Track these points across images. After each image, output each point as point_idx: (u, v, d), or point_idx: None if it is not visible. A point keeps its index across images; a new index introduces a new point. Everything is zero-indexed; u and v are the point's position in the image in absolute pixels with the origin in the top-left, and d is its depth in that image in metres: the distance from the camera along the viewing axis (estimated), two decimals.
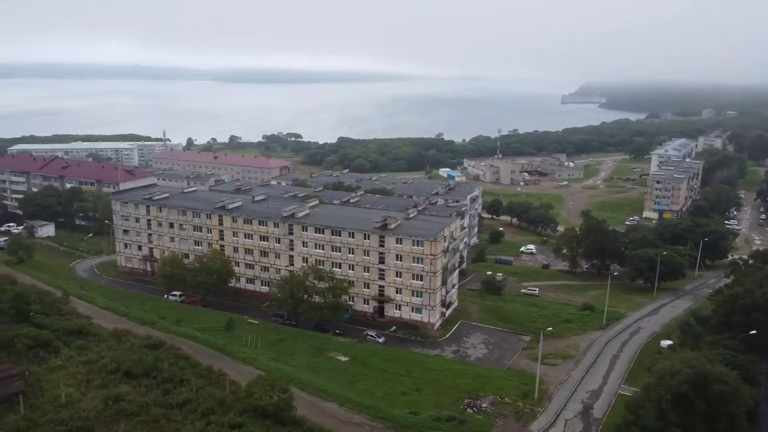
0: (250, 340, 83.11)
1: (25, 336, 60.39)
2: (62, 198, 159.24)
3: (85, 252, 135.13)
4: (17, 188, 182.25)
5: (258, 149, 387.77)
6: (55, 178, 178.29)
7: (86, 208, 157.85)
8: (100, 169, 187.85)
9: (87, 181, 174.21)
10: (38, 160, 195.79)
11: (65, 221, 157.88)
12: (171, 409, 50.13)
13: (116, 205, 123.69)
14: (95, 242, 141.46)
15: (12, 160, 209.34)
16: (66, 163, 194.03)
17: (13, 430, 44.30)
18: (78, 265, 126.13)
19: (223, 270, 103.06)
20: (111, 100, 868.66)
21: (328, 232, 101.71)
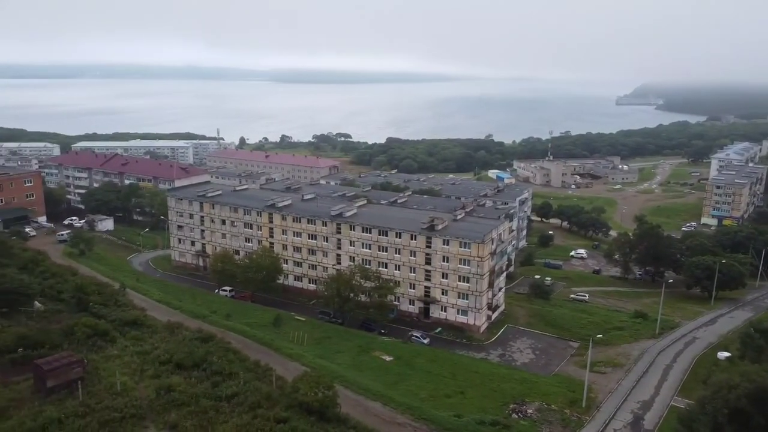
0: (297, 336, 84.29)
1: (85, 325, 62.88)
2: (121, 194, 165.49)
3: (142, 246, 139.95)
4: (80, 183, 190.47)
5: (308, 149, 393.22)
6: (115, 174, 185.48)
7: (143, 204, 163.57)
8: (157, 167, 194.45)
9: (144, 178, 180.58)
10: (99, 157, 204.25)
11: (123, 216, 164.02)
12: (219, 401, 51.25)
13: (171, 201, 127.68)
14: (151, 237, 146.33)
15: (76, 156, 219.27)
16: (125, 160, 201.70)
17: (72, 415, 46.26)
18: (134, 259, 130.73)
19: (272, 267, 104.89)
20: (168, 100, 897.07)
21: (375, 231, 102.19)
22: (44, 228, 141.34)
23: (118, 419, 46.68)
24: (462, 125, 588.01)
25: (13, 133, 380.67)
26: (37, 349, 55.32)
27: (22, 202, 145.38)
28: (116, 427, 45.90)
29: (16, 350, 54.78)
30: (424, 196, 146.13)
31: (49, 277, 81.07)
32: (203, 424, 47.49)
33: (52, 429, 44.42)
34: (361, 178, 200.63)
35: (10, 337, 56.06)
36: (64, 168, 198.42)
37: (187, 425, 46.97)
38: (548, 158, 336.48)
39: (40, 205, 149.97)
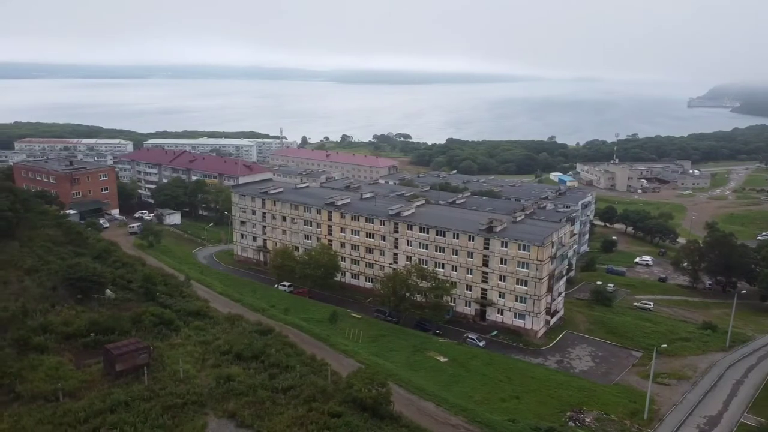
0: (353, 333, 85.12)
1: (151, 314, 65.58)
2: (188, 189, 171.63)
3: (206, 240, 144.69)
4: (150, 179, 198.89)
5: (368, 148, 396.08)
6: (183, 170, 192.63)
7: (208, 200, 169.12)
8: (222, 164, 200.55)
9: (210, 174, 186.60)
10: (169, 154, 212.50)
11: (190, 211, 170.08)
12: (276, 392, 52.34)
13: (235, 197, 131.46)
14: (215, 231, 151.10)
15: (147, 153, 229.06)
16: (193, 157, 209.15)
17: (138, 398, 48.42)
18: (199, 252, 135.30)
19: (330, 264, 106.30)
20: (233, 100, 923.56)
21: (432, 231, 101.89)
22: (117, 220, 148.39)
23: (180, 405, 48.44)
24: (523, 127, 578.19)
25: (91, 130, 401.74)
26: (108, 335, 58.09)
27: (97, 196, 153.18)
28: (178, 412, 47.62)
29: (88, 335, 57.71)
30: (483, 197, 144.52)
31: (120, 266, 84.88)
32: (260, 414, 48.65)
33: (120, 411, 46.52)
34: (420, 178, 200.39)
35: (83, 322, 59.10)
36: (136, 164, 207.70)
37: (245, 414, 48.22)
38: (613, 161, 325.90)
39: (113, 198, 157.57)
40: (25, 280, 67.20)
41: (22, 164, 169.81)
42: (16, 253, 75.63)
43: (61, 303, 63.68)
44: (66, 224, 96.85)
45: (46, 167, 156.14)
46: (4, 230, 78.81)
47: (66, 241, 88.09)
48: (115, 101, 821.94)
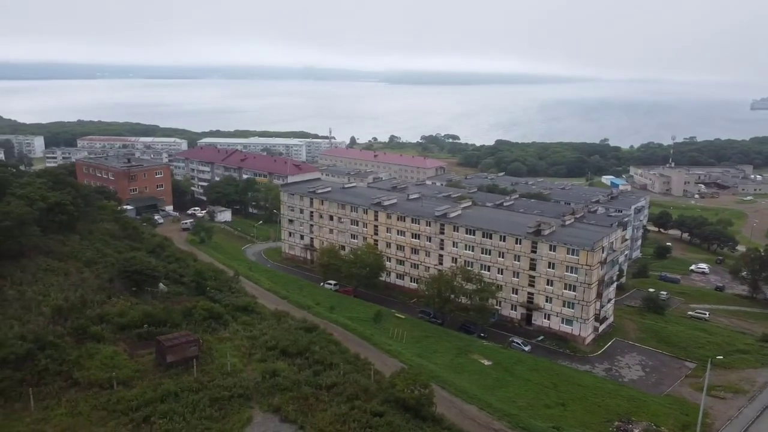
0: (396, 333, 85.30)
1: (202, 308, 67.51)
2: (239, 187, 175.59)
3: (255, 237, 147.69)
4: (203, 176, 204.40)
5: (415, 149, 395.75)
6: (234, 169, 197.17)
7: (258, 198, 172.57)
8: (272, 163, 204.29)
9: (260, 173, 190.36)
10: (221, 152, 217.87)
11: (240, 208, 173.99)
12: (320, 389, 53.04)
13: (284, 196, 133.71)
14: (264, 229, 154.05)
15: (200, 151, 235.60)
16: (244, 156, 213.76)
17: (187, 389, 49.95)
18: (248, 249, 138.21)
19: (376, 264, 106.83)
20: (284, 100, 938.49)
21: (479, 233, 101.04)
22: (170, 216, 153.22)
23: (227, 397, 49.71)
24: (575, 129, 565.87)
25: (148, 129, 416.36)
26: (160, 327, 60.10)
27: (153, 192, 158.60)
28: (225, 405, 48.88)
29: (142, 326, 59.86)
30: (532, 200, 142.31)
31: (173, 261, 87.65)
32: (303, 410, 49.39)
33: (169, 401, 48.09)
34: (468, 179, 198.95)
35: (137, 314, 61.33)
36: (189, 162, 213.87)
37: (289, 409, 49.03)
38: (669, 165, 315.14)
39: (168, 195, 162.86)
40: (85, 272, 70.21)
41: (83, 161, 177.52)
42: (76, 246, 79.12)
43: (117, 295, 66.25)
44: (123, 219, 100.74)
45: (106, 164, 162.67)
46: (66, 224, 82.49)
47: (123, 236, 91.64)
48: (170, 101, 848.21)
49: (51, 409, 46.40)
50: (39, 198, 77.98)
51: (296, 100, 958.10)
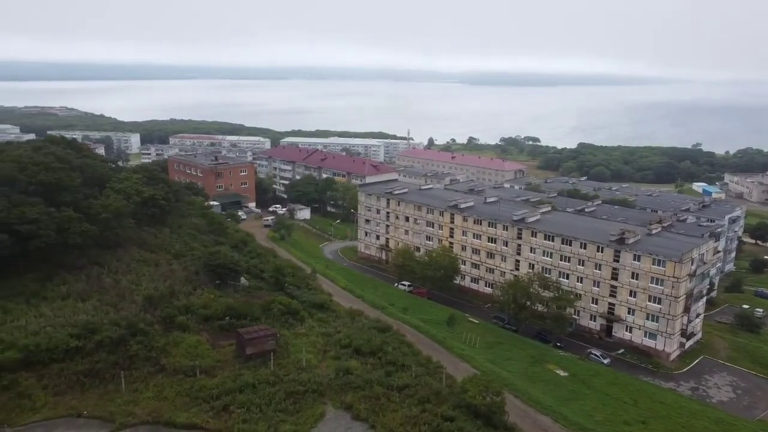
0: (469, 338, 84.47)
1: (280, 303, 69.68)
2: (318, 186, 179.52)
3: (332, 236, 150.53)
4: (284, 175, 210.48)
5: (494, 151, 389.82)
6: (314, 168, 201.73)
7: (336, 197, 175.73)
8: (351, 163, 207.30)
9: (339, 173, 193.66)
10: (302, 152, 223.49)
11: (319, 207, 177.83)
12: (391, 389, 53.38)
13: (361, 196, 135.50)
14: (341, 228, 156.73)
15: (282, 150, 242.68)
16: (324, 155, 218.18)
17: (263, 382, 51.75)
18: (325, 247, 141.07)
19: (450, 267, 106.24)
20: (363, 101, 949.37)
21: (558, 240, 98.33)
22: (253, 213, 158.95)
23: (302, 392, 51.05)
24: (663, 133, 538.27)
25: (234, 128, 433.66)
26: (240, 320, 62.61)
27: (237, 189, 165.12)
28: (299, 399, 50.22)
29: (224, 318, 62.55)
30: (616, 206, 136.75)
31: (254, 257, 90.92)
32: (375, 409, 49.90)
33: (247, 392, 49.98)
34: (547, 183, 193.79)
35: (220, 306, 64.13)
36: (272, 160, 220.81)
37: (360, 408, 49.71)
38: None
39: (251, 192, 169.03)
40: (173, 264, 74.15)
41: (174, 158, 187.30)
42: (166, 239, 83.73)
43: (202, 287, 69.48)
44: (209, 215, 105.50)
45: (195, 161, 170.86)
46: (158, 217, 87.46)
47: (208, 230, 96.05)
48: (255, 101, 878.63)
49: (140, 392, 49.40)
50: (134, 193, 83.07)
51: (374, 100, 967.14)
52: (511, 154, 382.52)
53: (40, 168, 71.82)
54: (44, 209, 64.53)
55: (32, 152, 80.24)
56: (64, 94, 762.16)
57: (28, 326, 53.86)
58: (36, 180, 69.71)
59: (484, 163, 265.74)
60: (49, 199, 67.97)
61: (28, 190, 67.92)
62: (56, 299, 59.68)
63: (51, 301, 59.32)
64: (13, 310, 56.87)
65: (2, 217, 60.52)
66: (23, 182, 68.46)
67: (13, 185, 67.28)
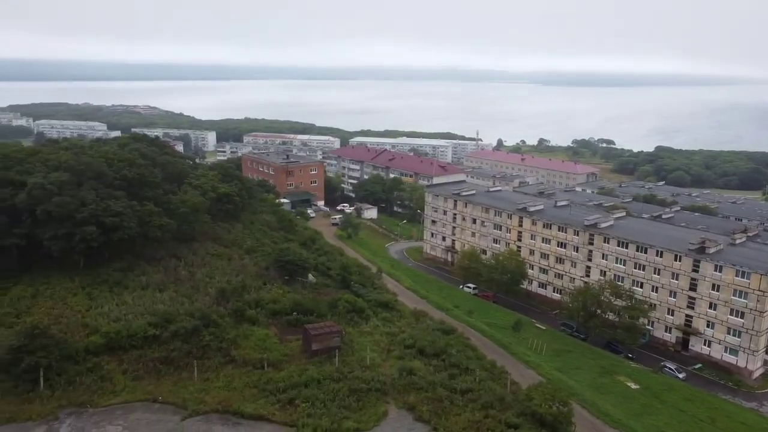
0: (536, 344, 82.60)
1: (346, 301, 70.71)
2: (386, 186, 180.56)
3: (398, 236, 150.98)
4: (353, 174, 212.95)
5: (566, 153, 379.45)
6: (382, 168, 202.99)
7: (403, 197, 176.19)
8: (419, 163, 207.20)
9: (407, 173, 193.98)
10: (371, 151, 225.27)
11: (385, 206, 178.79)
12: (454, 393, 53.01)
13: (428, 196, 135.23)
14: (407, 228, 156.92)
15: (351, 150, 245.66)
16: (392, 155, 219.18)
17: (328, 378, 52.65)
18: (391, 247, 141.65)
19: (517, 271, 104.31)
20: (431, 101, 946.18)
21: (632, 247, 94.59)
22: (321, 211, 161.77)
23: (365, 390, 51.57)
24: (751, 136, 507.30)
25: (305, 127, 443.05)
26: (307, 316, 63.95)
27: (307, 187, 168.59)
28: (362, 397, 50.76)
29: (291, 313, 64.07)
30: (696, 213, 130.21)
31: (322, 254, 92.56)
32: (437, 411, 49.74)
33: (312, 387, 51.01)
34: (622, 187, 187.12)
35: (288, 301, 65.75)
36: (341, 159, 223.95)
37: (423, 409, 49.68)
38: None
39: (320, 190, 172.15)
40: (245, 259, 76.67)
41: (248, 156, 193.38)
42: (239, 234, 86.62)
43: (272, 282, 71.47)
44: (280, 212, 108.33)
45: (267, 159, 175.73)
46: (231, 213, 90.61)
47: (279, 227, 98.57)
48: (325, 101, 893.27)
49: (211, 381, 51.42)
50: (210, 189, 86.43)
51: (443, 101, 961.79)
52: (583, 156, 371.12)
53: (125, 164, 75.94)
54: (128, 203, 68.23)
55: (118, 149, 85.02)
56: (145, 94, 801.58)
57: (111, 313, 57.21)
58: (121, 175, 73.71)
59: (554, 166, 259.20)
60: (131, 194, 71.78)
61: (113, 184, 71.92)
62: (137, 289, 63.01)
63: (132, 290, 62.68)
64: (98, 297, 60.52)
65: (91, 209, 64.42)
66: (110, 177, 72.55)
67: (102, 179, 71.41)
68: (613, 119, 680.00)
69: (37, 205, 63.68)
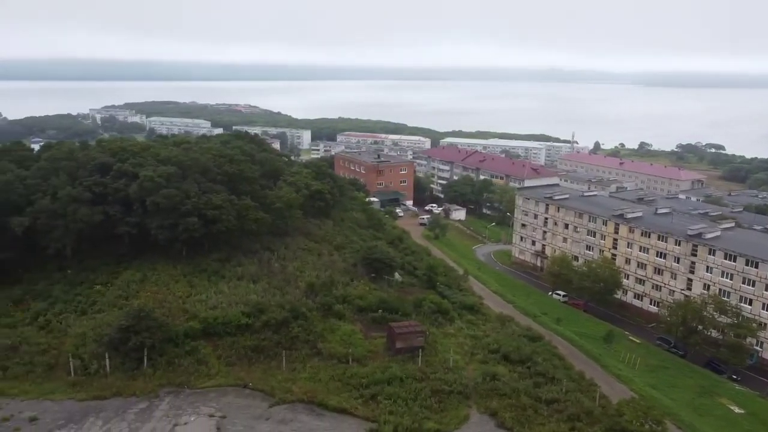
0: (629, 358, 78.78)
1: (431, 301, 70.67)
2: (475, 187, 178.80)
3: (486, 238, 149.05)
4: (442, 175, 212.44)
5: (669, 158, 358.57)
6: (472, 169, 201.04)
7: (493, 200, 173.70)
8: (510, 165, 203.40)
9: (497, 175, 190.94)
10: (461, 152, 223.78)
11: (474, 208, 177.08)
12: (539, 402, 51.53)
13: (519, 199, 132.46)
14: (496, 231, 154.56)
15: (442, 150, 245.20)
16: (483, 157, 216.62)
17: (411, 377, 52.86)
18: (478, 249, 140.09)
19: (611, 280, 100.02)
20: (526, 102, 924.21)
21: (741, 260, 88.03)
22: (410, 211, 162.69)
23: (447, 392, 51.31)
24: None
25: (396, 127, 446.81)
26: (392, 314, 64.48)
27: (396, 187, 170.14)
28: (444, 398, 50.55)
29: (377, 311, 64.90)
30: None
31: (409, 253, 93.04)
32: (521, 419, 48.61)
33: (394, 384, 51.37)
34: (731, 196, 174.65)
35: (374, 299, 66.66)
36: (431, 160, 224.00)
37: (506, 416, 48.72)
38: None
39: (409, 190, 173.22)
40: (334, 255, 78.53)
41: (341, 155, 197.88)
42: (329, 231, 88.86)
43: (359, 279, 72.75)
44: (369, 210, 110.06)
45: (359, 158, 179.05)
46: (323, 210, 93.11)
47: (368, 225, 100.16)
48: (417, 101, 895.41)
49: (297, 372, 53.13)
50: (304, 186, 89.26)
51: (538, 102, 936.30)
52: (688, 162, 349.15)
53: (226, 160, 79.99)
54: (227, 197, 71.85)
55: (221, 145, 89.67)
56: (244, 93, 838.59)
57: (208, 301, 60.49)
58: (222, 170, 77.69)
59: (656, 171, 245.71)
60: (231, 188, 75.49)
61: (215, 179, 75.95)
62: (232, 279, 66.21)
63: (228, 279, 65.95)
64: (197, 285, 64.20)
65: (193, 202, 68.44)
66: (213, 172, 76.70)
67: (205, 175, 75.64)
68: (722, 122, 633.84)
69: (147, 196, 68.42)
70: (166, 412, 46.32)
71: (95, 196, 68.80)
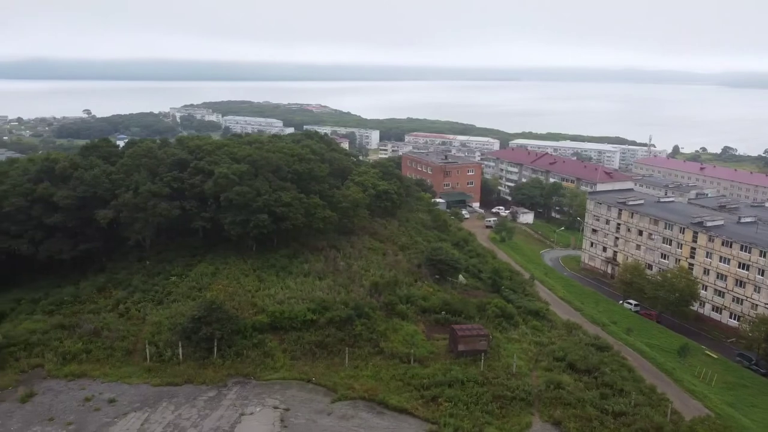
0: (704, 373, 74.96)
1: (495, 305, 69.72)
2: (544, 190, 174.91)
3: (555, 243, 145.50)
4: (510, 177, 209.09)
5: (756, 164, 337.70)
6: (542, 172, 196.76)
7: (563, 203, 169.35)
8: (582, 168, 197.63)
9: (568, 178, 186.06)
10: (531, 155, 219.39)
11: (542, 212, 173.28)
12: (605, 414, 49.81)
13: (590, 204, 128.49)
14: (565, 235, 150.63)
15: (511, 152, 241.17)
16: (553, 159, 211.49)
17: (472, 380, 52.36)
18: (546, 254, 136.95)
19: (687, 290, 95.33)
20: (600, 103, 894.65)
21: None
22: (476, 212, 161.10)
23: (509, 398, 50.49)
24: None
25: (465, 128, 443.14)
26: (455, 316, 64.23)
27: (463, 188, 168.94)
28: (506, 404, 49.77)
29: (440, 312, 64.80)
30: None
31: (474, 256, 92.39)
32: (586, 431, 47.24)
33: (456, 387, 51.07)
34: None
35: (437, 300, 66.58)
36: (499, 162, 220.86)
37: (570, 426, 47.41)
38: None
39: (476, 192, 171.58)
40: (399, 255, 79.03)
41: (408, 155, 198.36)
42: (395, 231, 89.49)
43: (423, 279, 72.89)
44: (435, 211, 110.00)
45: (426, 159, 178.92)
46: (389, 210, 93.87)
47: (433, 226, 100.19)
48: (487, 102, 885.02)
49: (360, 369, 53.79)
50: (371, 186, 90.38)
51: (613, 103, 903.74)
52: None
53: (296, 159, 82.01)
54: (296, 195, 73.71)
55: (292, 144, 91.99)
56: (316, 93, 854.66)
57: (276, 296, 62.25)
58: (292, 169, 79.74)
59: (741, 177, 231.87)
60: (300, 186, 77.38)
61: (285, 177, 78.06)
62: (299, 275, 67.85)
63: (295, 276, 67.64)
64: (266, 280, 66.22)
65: (264, 199, 70.63)
66: (283, 170, 78.87)
67: (277, 173, 77.89)
68: None
69: (221, 192, 71.21)
70: (233, 401, 48.05)
71: (173, 191, 72.26)
